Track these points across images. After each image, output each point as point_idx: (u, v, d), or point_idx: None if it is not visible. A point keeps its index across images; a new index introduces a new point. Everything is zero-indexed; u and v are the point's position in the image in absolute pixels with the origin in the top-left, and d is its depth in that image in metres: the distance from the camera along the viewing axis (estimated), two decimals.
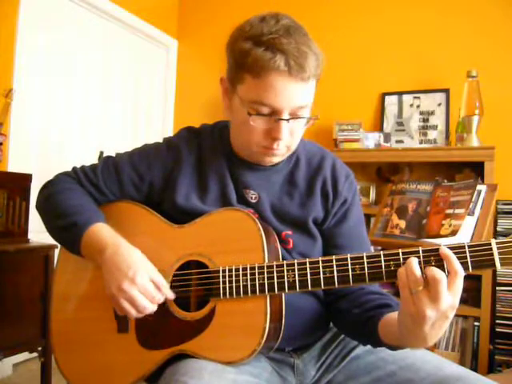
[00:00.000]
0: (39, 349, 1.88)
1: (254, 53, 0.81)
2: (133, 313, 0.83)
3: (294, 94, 0.83)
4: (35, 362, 2.07)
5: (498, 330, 2.19)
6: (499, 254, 0.72)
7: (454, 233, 1.52)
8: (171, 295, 0.87)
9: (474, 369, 2.16)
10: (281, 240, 0.94)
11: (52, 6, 2.56)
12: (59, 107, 2.64)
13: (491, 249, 0.72)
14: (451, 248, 0.74)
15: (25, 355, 2.19)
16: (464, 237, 1.51)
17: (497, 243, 0.73)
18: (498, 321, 2.20)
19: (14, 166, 2.29)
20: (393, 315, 0.81)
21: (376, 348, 0.90)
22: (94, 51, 2.86)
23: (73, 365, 0.95)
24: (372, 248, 1.05)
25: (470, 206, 1.55)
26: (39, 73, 2.51)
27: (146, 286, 0.82)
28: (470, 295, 2.22)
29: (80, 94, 2.78)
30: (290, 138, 0.89)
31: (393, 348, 0.83)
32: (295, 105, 0.84)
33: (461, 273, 0.70)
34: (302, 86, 0.84)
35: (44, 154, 2.54)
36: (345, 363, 0.93)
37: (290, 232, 0.96)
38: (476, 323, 2.23)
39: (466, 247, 0.73)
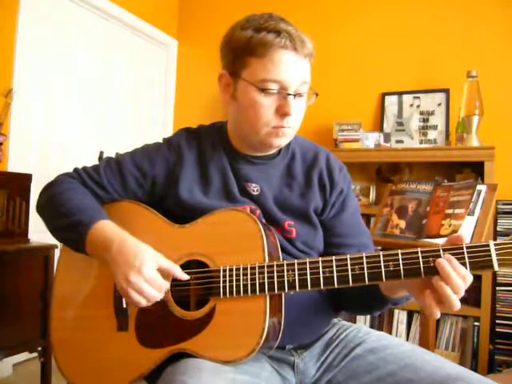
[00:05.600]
0: (39, 349, 1.89)
1: (256, 37, 0.88)
2: (142, 303, 0.84)
3: (300, 69, 0.90)
4: (35, 361, 2.07)
5: (498, 329, 2.20)
6: (497, 255, 0.73)
7: (453, 233, 1.52)
8: (185, 276, 0.87)
9: (474, 369, 2.17)
10: (284, 230, 0.97)
11: (52, 6, 2.56)
12: (59, 107, 2.64)
13: (489, 250, 0.73)
14: (450, 249, 0.75)
15: (25, 355, 2.19)
16: (464, 237, 1.51)
17: (495, 244, 0.73)
18: (498, 321, 2.20)
19: (14, 166, 2.29)
20: None
21: (380, 311, 0.97)
22: (94, 51, 2.86)
23: (72, 362, 0.95)
24: (370, 234, 1.09)
25: (470, 206, 1.55)
26: (39, 73, 2.51)
27: (152, 275, 0.83)
28: (470, 295, 2.22)
29: (80, 94, 2.78)
30: (296, 116, 0.93)
31: (396, 301, 0.91)
32: (300, 80, 0.90)
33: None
34: (305, 62, 0.91)
35: (44, 154, 2.54)
36: (345, 363, 0.93)
37: (292, 222, 0.98)
38: (476, 323, 2.23)
39: (465, 248, 0.74)
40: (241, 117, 0.96)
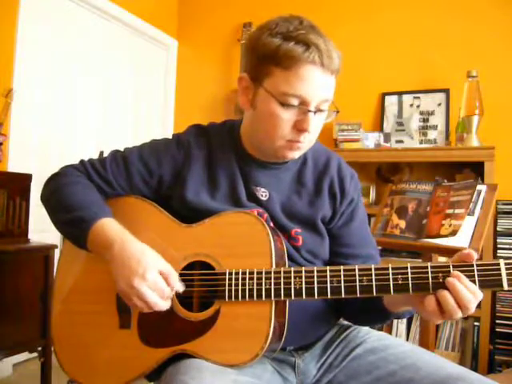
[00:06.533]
0: (39, 349, 1.88)
1: (284, 46, 0.84)
2: (144, 309, 0.83)
3: (324, 86, 0.87)
4: (35, 361, 2.07)
5: (498, 329, 2.20)
6: (507, 274, 0.72)
7: (454, 233, 1.52)
8: (180, 286, 0.86)
9: (474, 369, 2.17)
10: (290, 237, 0.96)
11: (52, 6, 2.56)
12: (59, 107, 2.64)
13: (499, 269, 0.73)
14: (460, 266, 0.75)
15: (25, 355, 2.18)
16: (464, 237, 1.51)
17: (505, 264, 0.72)
18: (498, 321, 2.20)
19: (14, 166, 2.29)
20: None
21: (381, 323, 0.96)
22: (94, 51, 2.86)
23: (72, 359, 0.95)
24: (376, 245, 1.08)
25: (470, 206, 1.55)
26: (39, 73, 2.51)
27: (157, 282, 0.82)
28: None
29: (80, 94, 2.78)
30: (313, 132, 0.91)
31: (399, 315, 0.91)
32: (323, 97, 0.87)
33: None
34: (330, 79, 0.88)
35: (44, 153, 2.54)
36: (346, 363, 0.93)
37: (299, 230, 0.97)
38: (476, 323, 2.23)
39: (475, 266, 0.74)
40: (257, 125, 0.94)
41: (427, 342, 1.72)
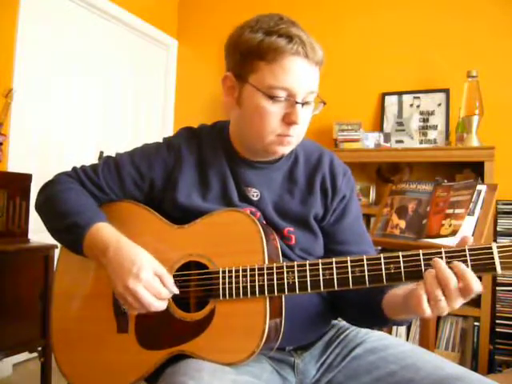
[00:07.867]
0: (39, 349, 1.88)
1: (267, 40, 0.85)
2: (141, 309, 0.83)
3: (310, 77, 0.88)
4: (35, 361, 2.07)
5: (498, 329, 2.20)
6: (500, 257, 0.71)
7: (454, 233, 1.52)
8: (174, 290, 0.86)
9: (474, 369, 2.16)
10: (283, 236, 0.96)
11: (52, 6, 2.56)
12: (59, 107, 2.64)
13: (492, 253, 0.72)
14: (451, 252, 0.74)
15: (25, 355, 2.18)
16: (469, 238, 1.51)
17: (498, 247, 0.72)
18: (498, 321, 2.20)
19: (14, 166, 2.29)
20: (393, 292, 0.85)
21: (380, 327, 0.96)
22: (94, 51, 2.86)
23: (72, 364, 0.95)
24: (372, 242, 1.07)
25: (470, 206, 1.55)
26: (39, 73, 2.51)
27: (151, 282, 0.82)
28: None
29: (80, 94, 2.78)
30: (302, 125, 0.90)
31: (397, 322, 0.89)
32: (309, 88, 0.88)
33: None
34: (315, 70, 0.89)
35: (44, 153, 2.54)
36: (345, 363, 0.93)
37: (292, 229, 0.96)
38: (476, 323, 2.23)
39: (467, 251, 0.73)
40: (245, 122, 0.93)
41: (427, 342, 1.72)
